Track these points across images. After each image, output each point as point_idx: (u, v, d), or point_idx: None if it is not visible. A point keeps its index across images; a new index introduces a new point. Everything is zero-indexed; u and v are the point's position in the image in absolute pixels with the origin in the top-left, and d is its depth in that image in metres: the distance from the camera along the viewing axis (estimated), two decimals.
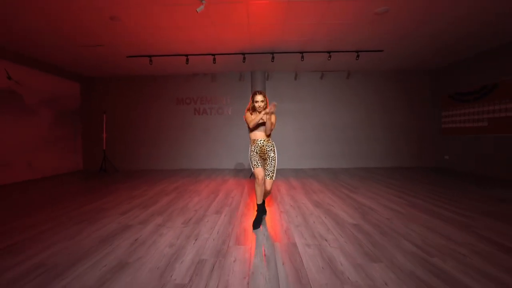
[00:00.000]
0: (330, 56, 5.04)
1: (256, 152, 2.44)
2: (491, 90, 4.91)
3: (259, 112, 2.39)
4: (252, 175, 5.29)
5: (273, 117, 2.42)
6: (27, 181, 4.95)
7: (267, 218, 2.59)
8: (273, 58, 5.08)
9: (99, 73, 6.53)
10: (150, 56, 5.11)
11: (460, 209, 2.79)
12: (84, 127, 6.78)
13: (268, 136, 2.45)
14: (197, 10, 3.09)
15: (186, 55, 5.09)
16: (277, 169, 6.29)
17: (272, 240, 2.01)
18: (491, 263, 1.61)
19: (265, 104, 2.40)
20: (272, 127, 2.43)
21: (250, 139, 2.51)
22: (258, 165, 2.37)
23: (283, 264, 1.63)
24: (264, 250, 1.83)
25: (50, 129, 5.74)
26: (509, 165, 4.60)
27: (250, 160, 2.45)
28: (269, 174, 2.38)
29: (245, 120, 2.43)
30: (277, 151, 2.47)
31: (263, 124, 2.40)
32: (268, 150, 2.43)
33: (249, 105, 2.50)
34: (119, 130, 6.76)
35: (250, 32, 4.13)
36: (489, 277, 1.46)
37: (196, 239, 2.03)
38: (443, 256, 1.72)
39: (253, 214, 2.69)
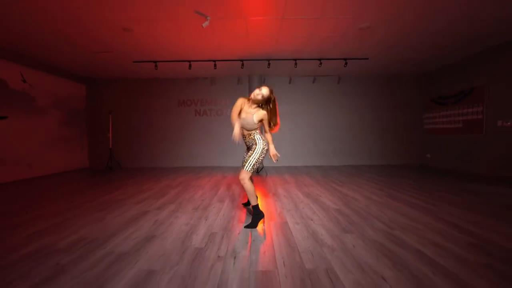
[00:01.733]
0: (321, 63, 5.52)
1: (246, 146, 2.56)
2: (467, 94, 5.45)
3: (252, 102, 2.38)
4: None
5: (262, 116, 2.37)
6: (39, 177, 5.30)
7: (264, 205, 3.04)
8: (269, 64, 5.54)
9: (105, 76, 6.90)
10: (155, 62, 5.52)
11: (428, 199, 3.27)
12: (89, 126, 7.14)
13: (253, 131, 2.45)
14: (203, 25, 3.53)
15: (189, 61, 5.51)
16: (273, 167, 6.83)
17: (268, 220, 2.46)
18: (443, 237, 2.08)
19: (263, 100, 2.36)
20: (272, 126, 2.44)
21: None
22: (242, 164, 2.40)
23: (276, 235, 2.08)
24: (262, 227, 2.28)
25: (59, 129, 6.10)
26: (478, 162, 5.14)
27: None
28: (244, 164, 2.34)
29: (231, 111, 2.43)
30: (264, 143, 2.43)
31: (247, 123, 2.40)
32: (252, 144, 2.45)
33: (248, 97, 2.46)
34: (123, 130, 7.14)
35: (248, 43, 4.58)
36: (439, 246, 1.93)
37: (206, 220, 2.47)
38: (404, 230, 2.19)
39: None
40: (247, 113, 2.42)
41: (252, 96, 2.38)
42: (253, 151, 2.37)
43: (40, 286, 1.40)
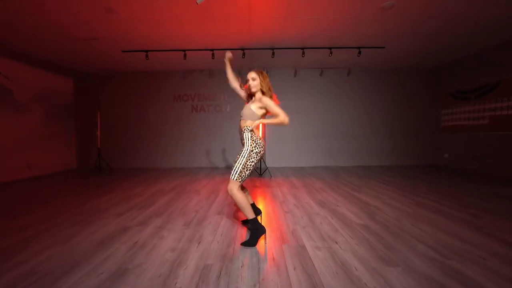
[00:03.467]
0: (331, 53, 4.95)
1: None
2: (493, 87, 4.89)
3: (253, 93, 2.02)
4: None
5: (266, 104, 1.93)
6: (19, 180, 4.75)
7: (272, 218, 2.49)
8: (273, 54, 4.97)
9: (94, 69, 6.32)
10: (146, 51, 4.94)
11: (464, 207, 2.73)
12: (77, 124, 6.57)
13: (248, 126, 1.97)
14: (197, 1, 2.95)
15: (184, 50, 4.93)
16: (277, 168, 6.27)
17: (280, 243, 1.91)
18: (501, 260, 1.54)
19: (258, 84, 1.98)
20: (277, 117, 1.91)
21: None
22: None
23: (294, 269, 1.53)
24: (273, 254, 1.73)
25: (42, 126, 5.53)
26: (510, 162, 4.59)
27: None
28: (231, 171, 1.92)
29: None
30: (253, 145, 1.92)
31: (246, 109, 1.99)
32: (243, 142, 1.98)
33: (245, 88, 2.17)
34: (114, 128, 6.58)
35: (250, 27, 4.01)
36: (500, 274, 1.39)
37: (199, 242, 1.92)
38: (462, 259, 1.64)
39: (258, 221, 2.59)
40: (248, 104, 2.06)
41: (250, 89, 2.02)
42: (239, 155, 1.93)
43: None
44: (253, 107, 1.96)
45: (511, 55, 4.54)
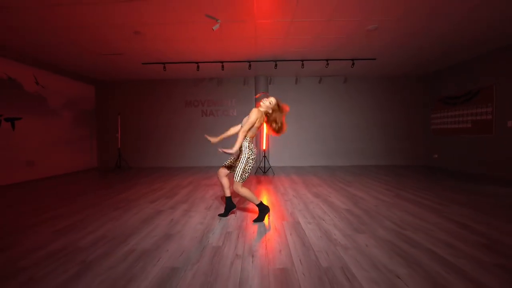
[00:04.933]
0: (327, 64, 5.56)
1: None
2: (475, 95, 5.44)
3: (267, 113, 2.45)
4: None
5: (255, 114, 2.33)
6: (50, 177, 5.43)
7: (275, 205, 3.10)
8: (276, 65, 5.59)
9: (114, 77, 7.02)
10: (164, 63, 5.60)
11: (437, 199, 3.30)
12: (98, 127, 7.27)
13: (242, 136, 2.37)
14: (214, 28, 3.59)
15: (197, 63, 5.58)
16: (279, 167, 6.88)
17: (281, 220, 2.52)
18: (454, 237, 2.11)
19: (267, 108, 2.42)
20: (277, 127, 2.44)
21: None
22: (224, 163, 2.56)
23: (290, 234, 2.14)
24: (275, 226, 2.34)
25: (70, 129, 6.24)
26: (488, 163, 5.13)
27: None
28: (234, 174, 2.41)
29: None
30: (250, 153, 2.38)
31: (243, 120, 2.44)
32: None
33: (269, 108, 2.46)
34: (131, 130, 7.26)
35: (256, 44, 4.64)
36: (451, 246, 1.96)
37: (220, 219, 2.54)
38: (415, 230, 2.23)
39: (266, 202, 3.20)
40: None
41: (265, 108, 2.43)
42: (239, 161, 2.40)
43: (68, 283, 1.47)
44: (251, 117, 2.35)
45: (491, 64, 5.09)
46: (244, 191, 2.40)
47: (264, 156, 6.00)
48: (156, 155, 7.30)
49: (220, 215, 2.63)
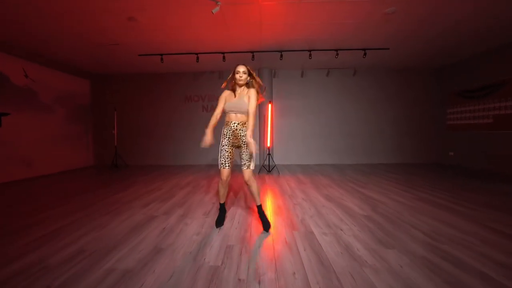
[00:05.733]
0: (337, 54, 5.14)
1: (229, 138, 2.12)
2: (498, 87, 4.99)
3: (239, 86, 2.12)
4: (262, 171, 5.43)
5: (252, 100, 2.07)
6: (44, 176, 5.12)
7: (282, 209, 2.74)
8: (281, 56, 5.19)
9: (109, 71, 6.67)
10: (161, 55, 5.23)
11: (464, 202, 2.92)
12: (94, 123, 6.94)
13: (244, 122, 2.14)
14: (213, 11, 3.21)
15: (197, 54, 5.20)
16: (284, 165, 6.50)
17: (291, 229, 2.16)
18: (502, 252, 1.75)
19: (247, 77, 2.11)
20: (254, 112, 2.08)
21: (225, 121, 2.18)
22: (226, 165, 2.12)
23: (304, 249, 1.78)
24: (285, 238, 1.98)
25: (64, 126, 5.91)
26: (511, 160, 4.72)
27: (220, 153, 2.13)
28: (245, 163, 2.10)
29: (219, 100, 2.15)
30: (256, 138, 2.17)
31: (241, 102, 2.08)
32: (242, 136, 2.11)
33: (228, 80, 2.19)
34: (128, 127, 6.92)
35: (261, 31, 4.24)
36: (504, 265, 1.60)
37: (220, 228, 2.19)
38: (452, 243, 1.86)
39: (268, 206, 2.84)
40: (238, 97, 2.13)
41: (236, 78, 2.12)
42: (246, 150, 2.14)
43: None
44: (251, 98, 2.08)
45: None
46: (256, 184, 2.16)
47: (269, 154, 5.63)
48: (155, 152, 6.97)
49: (217, 225, 2.21)
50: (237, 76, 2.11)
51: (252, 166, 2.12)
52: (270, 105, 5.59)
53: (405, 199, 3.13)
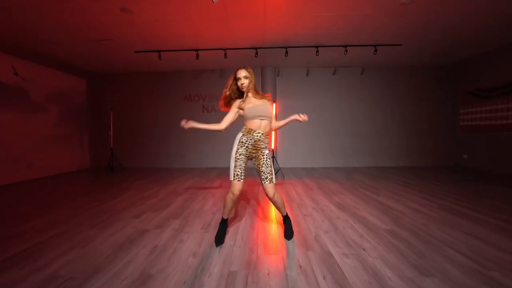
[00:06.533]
0: (346, 51, 4.83)
1: (247, 148, 1.89)
2: None
3: (246, 92, 1.89)
4: None
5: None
6: (36, 180, 4.82)
7: (293, 222, 2.41)
8: (286, 52, 4.88)
9: (106, 69, 6.39)
10: (159, 51, 4.94)
11: (492, 212, 2.59)
12: (90, 124, 6.65)
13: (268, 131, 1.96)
14: (214, 0, 2.90)
15: (196, 50, 4.90)
16: (289, 168, 6.17)
17: (304, 249, 1.83)
18: None
19: (250, 83, 1.88)
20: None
21: (244, 127, 1.93)
22: (241, 178, 1.85)
23: (324, 278, 1.45)
24: (299, 261, 1.66)
25: (56, 126, 5.61)
26: None
27: (235, 162, 1.86)
28: (267, 177, 1.86)
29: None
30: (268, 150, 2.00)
31: (266, 108, 1.89)
32: (263, 148, 1.91)
33: (227, 86, 1.97)
34: (126, 128, 6.62)
35: (265, 25, 3.94)
36: None
37: (220, 247, 1.87)
38: (503, 269, 1.54)
39: (275, 216, 2.53)
40: (257, 103, 1.91)
41: (239, 85, 1.90)
42: (267, 158, 1.91)
43: None
44: (269, 105, 1.95)
45: None
46: (280, 197, 1.98)
47: (273, 157, 5.31)
48: (153, 154, 6.66)
49: (217, 243, 1.88)
50: (239, 83, 1.89)
51: (274, 180, 1.90)
52: (274, 105, 5.27)
53: (426, 208, 2.80)
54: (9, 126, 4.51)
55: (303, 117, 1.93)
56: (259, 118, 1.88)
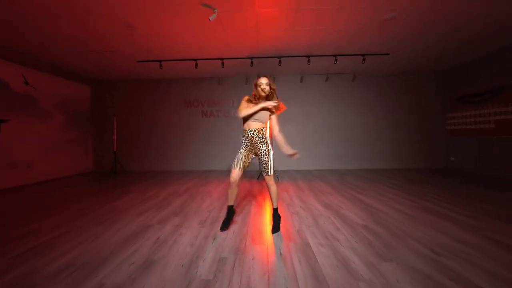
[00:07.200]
0: (336, 60, 5.13)
1: (246, 145, 2.30)
2: (498, 92, 4.95)
3: (261, 97, 2.29)
4: (260, 176, 5.39)
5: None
6: (42, 182, 5.11)
7: (281, 218, 2.68)
8: (280, 62, 5.19)
9: (109, 77, 6.70)
10: (160, 61, 5.25)
11: (466, 211, 2.85)
12: (94, 129, 6.95)
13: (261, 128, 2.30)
14: (210, 18, 3.21)
15: (195, 60, 5.21)
16: (283, 170, 6.46)
17: (287, 240, 2.11)
18: (504, 266, 1.69)
19: (270, 90, 2.29)
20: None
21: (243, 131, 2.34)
22: (236, 166, 2.25)
23: (299, 262, 1.73)
24: (280, 250, 1.93)
25: (63, 132, 5.92)
26: None
27: (236, 156, 2.31)
28: (264, 170, 2.27)
29: (239, 109, 2.27)
30: (271, 148, 2.34)
31: (263, 113, 2.24)
32: (259, 143, 2.25)
33: (253, 94, 2.36)
34: (128, 132, 6.92)
35: (258, 38, 4.25)
36: (505, 280, 1.54)
37: (214, 239, 2.14)
38: (453, 256, 1.80)
39: (265, 215, 2.79)
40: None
41: (259, 90, 2.31)
42: (265, 154, 2.28)
43: None
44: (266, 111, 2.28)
45: None
46: (276, 188, 2.35)
47: None
48: (155, 158, 6.95)
49: (222, 228, 2.35)
50: (259, 88, 2.28)
51: (270, 172, 2.28)
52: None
53: (406, 207, 3.07)
54: (19, 131, 4.81)
55: (295, 157, 2.28)
56: (253, 120, 2.28)
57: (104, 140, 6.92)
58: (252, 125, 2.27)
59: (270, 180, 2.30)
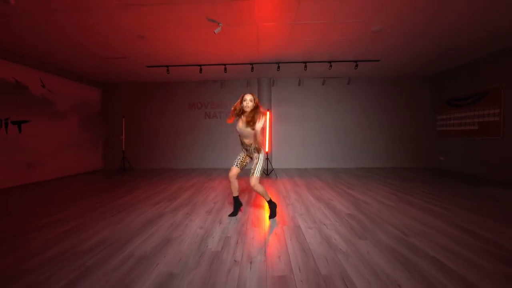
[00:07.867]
0: (331, 66, 5.52)
1: (245, 152, 2.73)
2: (482, 96, 5.32)
3: (244, 112, 2.53)
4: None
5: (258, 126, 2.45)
6: (57, 179, 5.51)
7: (277, 208, 3.07)
8: (278, 67, 5.58)
9: (119, 80, 7.10)
10: (167, 66, 5.65)
11: (442, 204, 3.23)
12: (104, 130, 7.36)
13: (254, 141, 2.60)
14: (215, 31, 3.60)
15: (200, 65, 5.61)
16: (283, 169, 6.84)
17: (281, 224, 2.49)
18: (458, 243, 2.06)
19: (254, 105, 2.50)
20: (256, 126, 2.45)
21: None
22: (234, 164, 2.70)
23: (290, 240, 2.11)
24: (275, 231, 2.32)
25: (77, 132, 6.33)
26: (495, 166, 5.01)
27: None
28: (251, 172, 2.58)
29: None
30: (263, 154, 2.65)
31: (247, 131, 2.53)
32: (252, 150, 2.65)
33: (236, 105, 2.57)
34: (135, 132, 7.33)
35: (259, 48, 4.64)
36: (455, 253, 1.92)
37: (220, 223, 2.53)
38: (418, 236, 2.18)
39: (264, 205, 3.18)
40: (244, 125, 2.55)
41: (243, 105, 2.51)
42: (258, 160, 2.61)
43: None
44: (249, 129, 2.50)
45: (499, 66, 4.98)
46: (261, 187, 2.63)
47: (267, 158, 5.97)
48: (160, 157, 7.35)
49: (231, 215, 2.78)
50: (244, 103, 2.51)
51: (256, 174, 2.56)
52: (268, 112, 5.95)
53: (390, 200, 3.44)
54: (36, 131, 5.21)
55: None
56: (243, 137, 2.65)
57: (113, 140, 7.33)
58: (245, 140, 2.64)
59: (254, 182, 2.53)
